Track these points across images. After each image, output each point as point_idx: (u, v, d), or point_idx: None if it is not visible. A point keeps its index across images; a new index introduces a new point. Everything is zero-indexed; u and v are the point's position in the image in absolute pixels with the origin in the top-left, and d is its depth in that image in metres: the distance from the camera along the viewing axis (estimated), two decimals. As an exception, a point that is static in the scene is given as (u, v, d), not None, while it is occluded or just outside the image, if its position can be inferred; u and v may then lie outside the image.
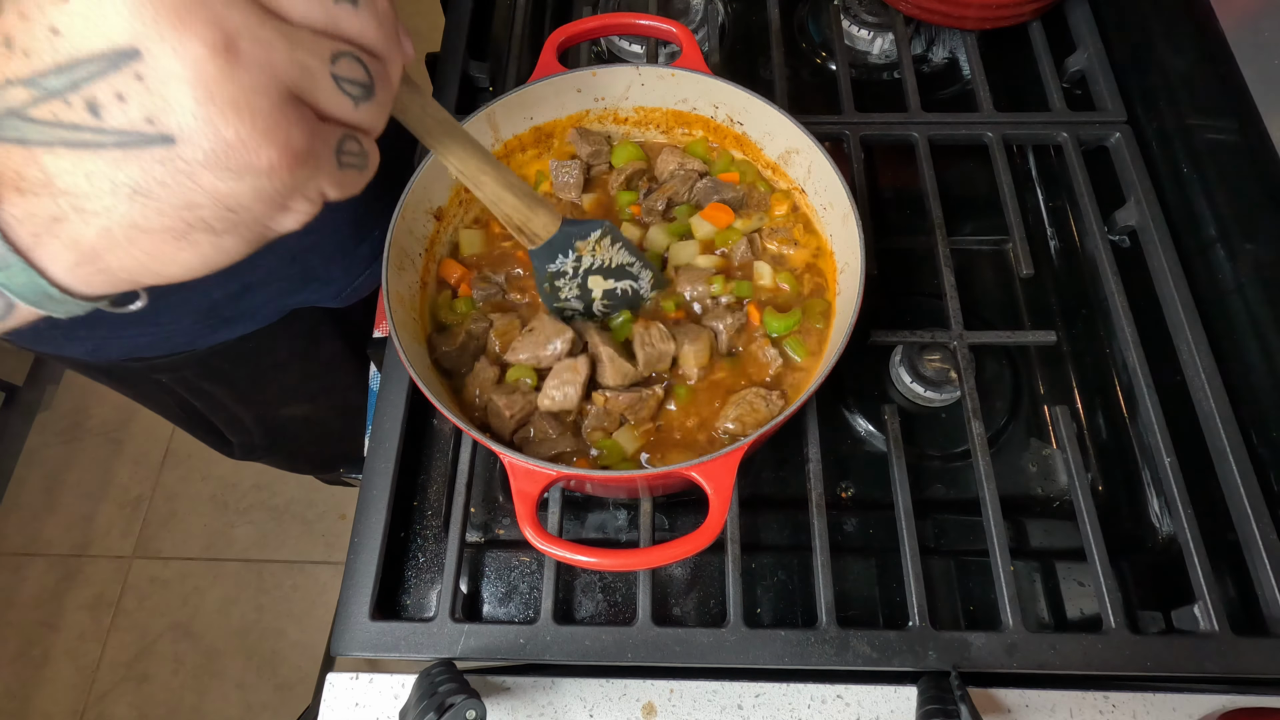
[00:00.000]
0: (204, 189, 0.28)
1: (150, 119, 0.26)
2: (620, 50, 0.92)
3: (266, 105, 0.27)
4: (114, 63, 0.26)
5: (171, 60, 0.26)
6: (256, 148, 0.28)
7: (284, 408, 1.09)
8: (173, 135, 0.27)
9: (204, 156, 0.27)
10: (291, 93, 0.28)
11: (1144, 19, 0.84)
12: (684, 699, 0.60)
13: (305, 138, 0.29)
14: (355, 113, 0.31)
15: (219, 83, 0.26)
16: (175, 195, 0.28)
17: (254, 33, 0.27)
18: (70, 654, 1.75)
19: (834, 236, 0.65)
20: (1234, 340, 0.69)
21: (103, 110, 0.26)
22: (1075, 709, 0.58)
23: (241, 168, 0.28)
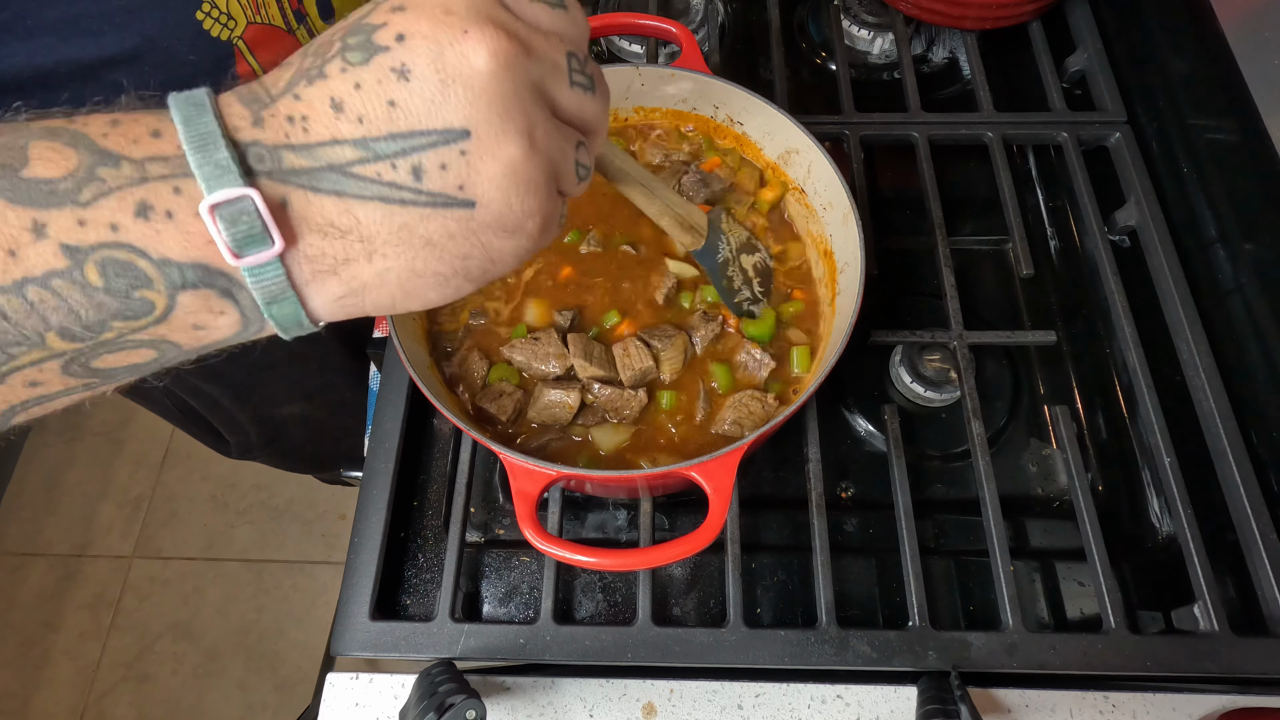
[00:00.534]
0: (482, 244, 0.33)
1: (462, 186, 0.31)
2: (620, 50, 0.92)
3: (545, 185, 0.33)
4: (446, 139, 0.31)
5: (495, 144, 0.31)
6: (531, 216, 0.34)
7: (280, 407, 1.09)
8: (475, 201, 0.32)
9: (492, 219, 0.33)
10: (555, 174, 0.34)
11: (1144, 19, 0.84)
12: (684, 699, 0.60)
13: (553, 205, 0.35)
14: (577, 188, 0.37)
15: (522, 164, 0.32)
16: (459, 248, 0.33)
17: (545, 126, 0.33)
18: (70, 654, 1.75)
19: (834, 236, 0.65)
20: (1234, 340, 0.69)
21: (425, 176, 0.31)
22: (1075, 709, 0.58)
23: (515, 230, 0.34)
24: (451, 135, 0.30)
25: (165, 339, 0.32)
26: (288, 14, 0.67)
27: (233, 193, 0.29)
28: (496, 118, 0.31)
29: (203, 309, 0.31)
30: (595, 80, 0.36)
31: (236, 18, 0.62)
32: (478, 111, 0.30)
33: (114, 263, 0.29)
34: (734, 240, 0.62)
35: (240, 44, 0.63)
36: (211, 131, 0.29)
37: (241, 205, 0.29)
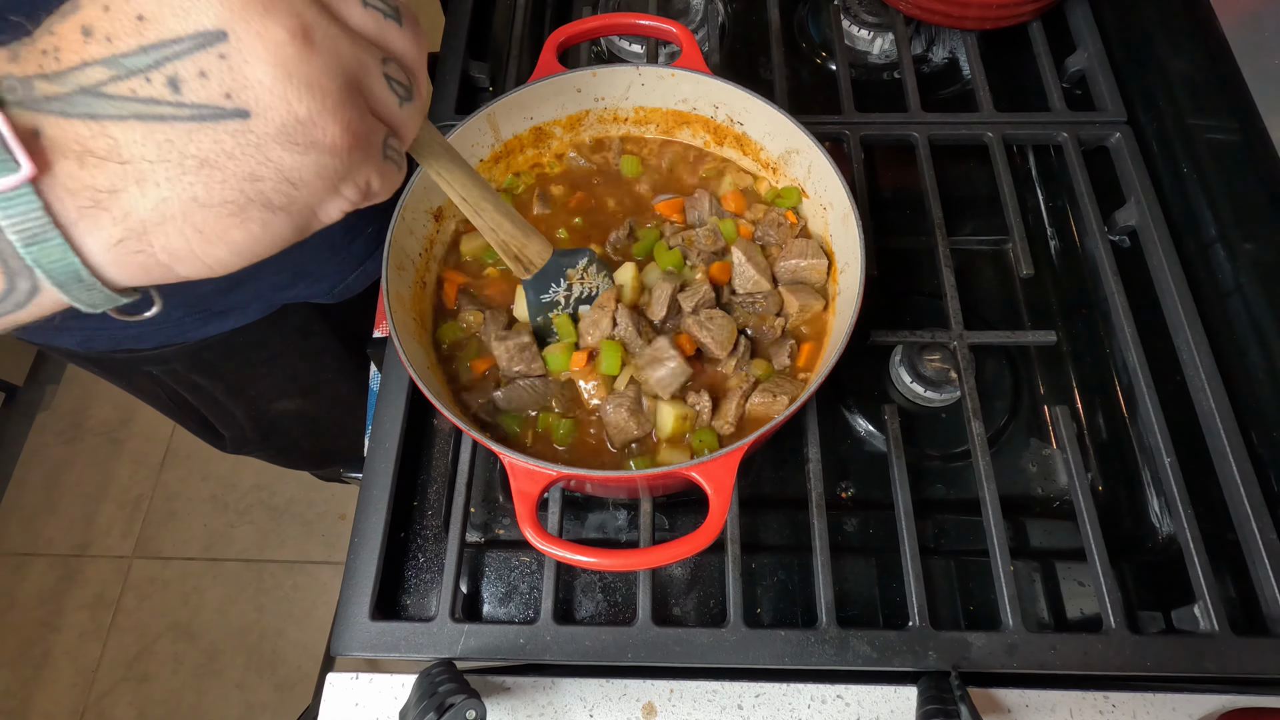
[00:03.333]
0: (271, 161, 0.30)
1: (229, 94, 0.29)
2: (620, 50, 0.92)
3: (335, 89, 0.30)
4: (200, 43, 0.28)
5: (256, 42, 0.29)
6: (324, 124, 0.30)
7: (275, 402, 1.09)
8: (248, 110, 0.29)
9: (275, 130, 0.30)
10: (352, 82, 0.32)
11: (1144, 19, 0.84)
12: (684, 699, 0.60)
13: (362, 122, 0.32)
14: (399, 111, 0.35)
15: (296, 64, 0.29)
16: (242, 167, 0.30)
17: (325, 27, 0.30)
18: (70, 654, 1.75)
19: (834, 236, 0.65)
20: (1234, 340, 0.69)
21: (183, 86, 0.29)
22: (1075, 709, 0.58)
23: (308, 142, 0.30)
24: (205, 38, 0.28)
25: None
26: None
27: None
28: (255, 14, 0.28)
29: None
30: (399, 10, 0.34)
31: None
32: (231, 9, 0.28)
33: None
34: (580, 289, 0.61)
35: None
36: None
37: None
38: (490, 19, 0.96)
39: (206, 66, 0.29)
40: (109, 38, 0.28)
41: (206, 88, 0.29)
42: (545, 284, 0.60)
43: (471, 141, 0.68)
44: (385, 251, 0.60)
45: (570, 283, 0.61)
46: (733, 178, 0.72)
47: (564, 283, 0.61)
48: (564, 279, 0.60)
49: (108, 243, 0.31)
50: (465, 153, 0.68)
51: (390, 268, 0.60)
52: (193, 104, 0.29)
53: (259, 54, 0.29)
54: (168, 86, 0.29)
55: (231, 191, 0.31)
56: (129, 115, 0.29)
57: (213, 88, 0.29)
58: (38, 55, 0.29)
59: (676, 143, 0.74)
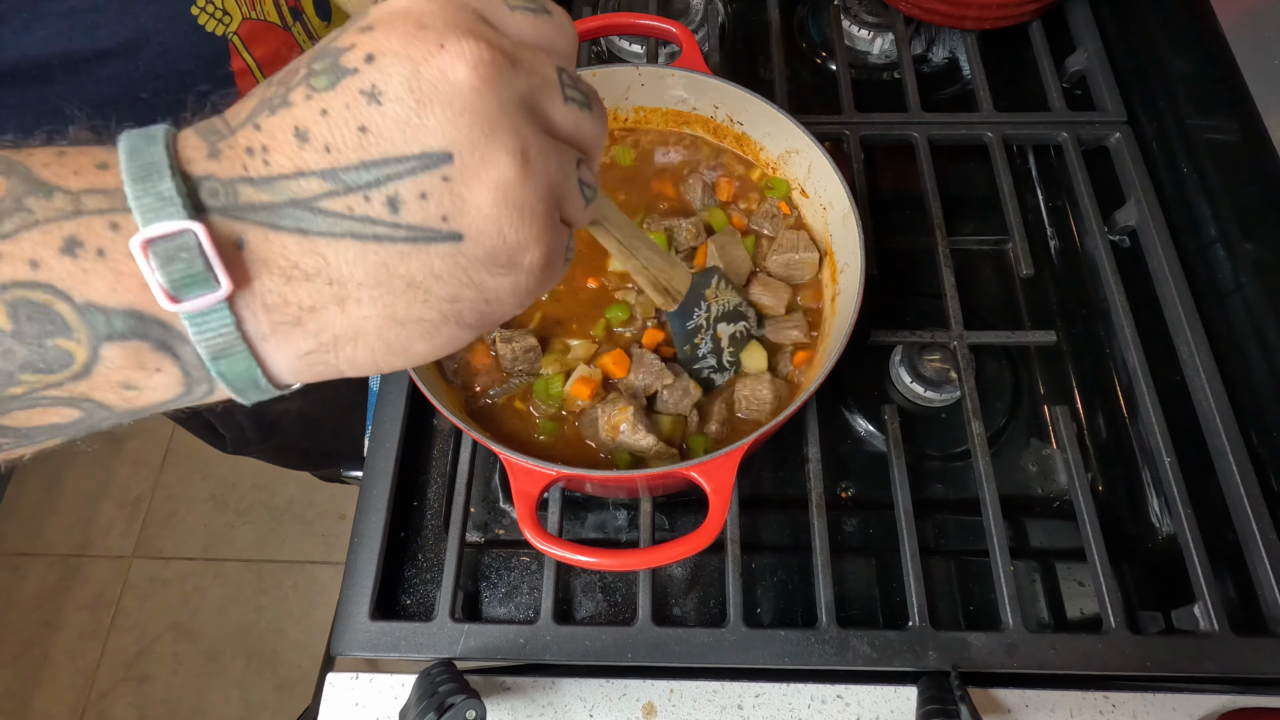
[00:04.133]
0: (474, 283, 0.29)
1: (446, 217, 0.28)
2: (620, 50, 0.92)
3: (543, 210, 0.29)
4: (425, 165, 0.27)
5: (480, 166, 0.27)
6: (529, 248, 0.29)
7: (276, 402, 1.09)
8: (462, 233, 0.28)
9: (484, 254, 0.29)
10: (556, 199, 0.30)
11: (1144, 19, 0.84)
12: (684, 699, 0.60)
13: (557, 238, 0.31)
14: (583, 213, 0.33)
15: (515, 189, 0.28)
16: (446, 289, 0.29)
17: (539, 144, 0.29)
18: (70, 654, 1.75)
19: (834, 236, 0.65)
20: (1234, 340, 0.69)
21: (403, 207, 0.27)
22: (1075, 709, 0.58)
23: (511, 265, 0.29)
24: (431, 160, 0.27)
25: (88, 397, 0.28)
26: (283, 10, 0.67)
27: (172, 226, 0.25)
28: (481, 136, 0.27)
29: (133, 364, 0.27)
30: (590, 96, 0.32)
31: (231, 13, 0.62)
32: (459, 131, 0.27)
33: (28, 304, 0.25)
34: (717, 307, 0.61)
35: (235, 39, 0.63)
36: (157, 162, 0.26)
37: (182, 241, 0.25)
38: (490, 19, 0.95)
39: (429, 188, 0.27)
40: (329, 147, 0.27)
41: (425, 210, 0.27)
42: (690, 310, 0.59)
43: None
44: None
45: (709, 303, 0.60)
46: (727, 166, 0.72)
47: (704, 305, 0.60)
48: (704, 301, 0.60)
49: (294, 355, 0.29)
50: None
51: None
52: (409, 225, 0.27)
53: (481, 178, 0.27)
54: (387, 207, 0.27)
55: (431, 312, 0.29)
56: (344, 234, 0.27)
57: (432, 210, 0.27)
58: (242, 154, 0.27)
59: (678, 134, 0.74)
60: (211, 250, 0.26)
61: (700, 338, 0.61)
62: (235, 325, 0.27)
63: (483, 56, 0.27)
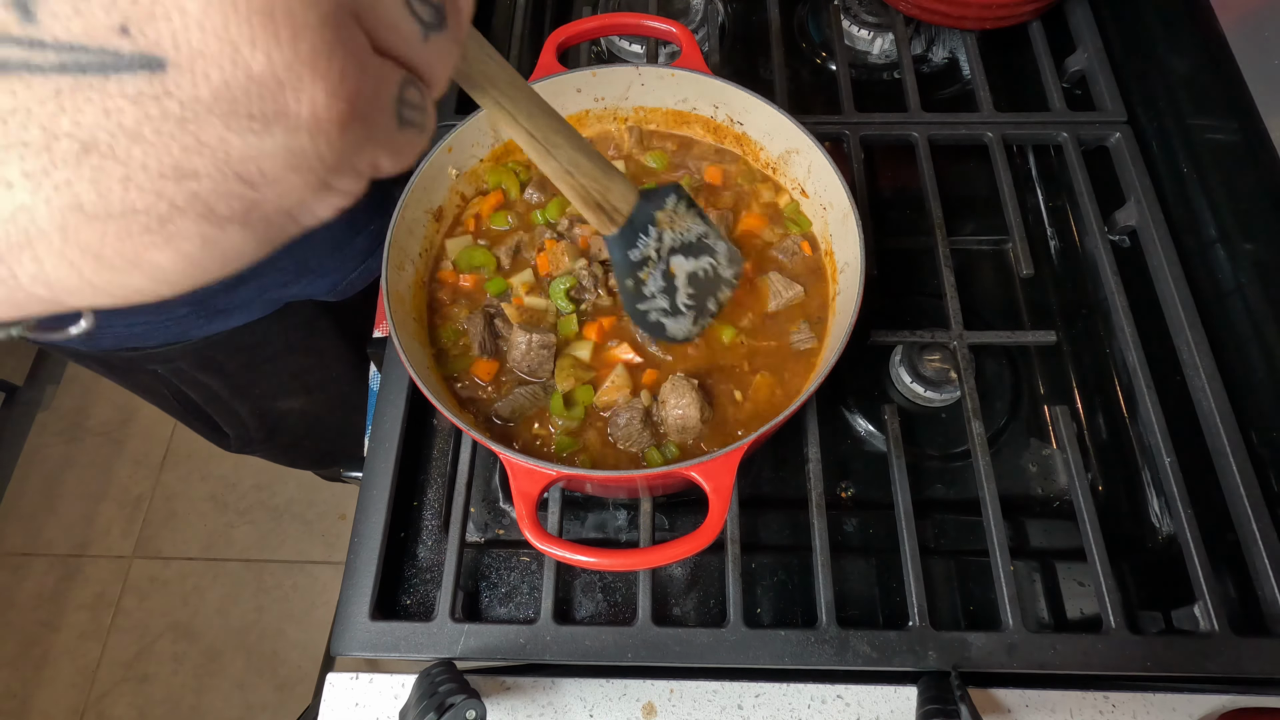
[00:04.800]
0: (207, 147, 0.18)
1: (125, 27, 0.17)
2: (620, 50, 0.92)
3: (315, 19, 0.18)
4: None
5: None
6: (296, 83, 0.18)
7: (279, 401, 1.09)
8: (162, 57, 0.17)
9: (211, 94, 0.18)
10: (349, 6, 0.19)
11: (1144, 19, 0.84)
12: (684, 699, 0.60)
13: (363, 74, 0.20)
14: (423, 47, 0.22)
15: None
16: (157, 156, 0.18)
17: None
18: (70, 654, 1.75)
19: (834, 236, 0.65)
20: (1234, 340, 0.69)
21: (39, 6, 0.16)
22: (1075, 709, 0.58)
23: (270, 115, 0.19)
24: None
25: None
26: None
27: None
28: None
29: None
30: None
31: None
32: None
33: None
34: (671, 235, 0.51)
35: None
36: None
37: None
38: (490, 19, 0.96)
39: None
40: None
41: (84, 11, 0.16)
42: (633, 236, 0.48)
43: (472, 141, 0.68)
44: (385, 251, 0.60)
45: (661, 229, 0.50)
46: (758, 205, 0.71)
47: (654, 231, 0.49)
48: (654, 226, 0.49)
49: None
50: (465, 153, 0.68)
51: (390, 267, 0.60)
52: (60, 42, 0.17)
53: None
54: (14, 8, 0.16)
55: (142, 195, 0.19)
56: None
57: (96, 11, 0.16)
58: None
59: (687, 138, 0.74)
60: None
61: (647, 271, 0.51)
62: None
63: None
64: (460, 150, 0.67)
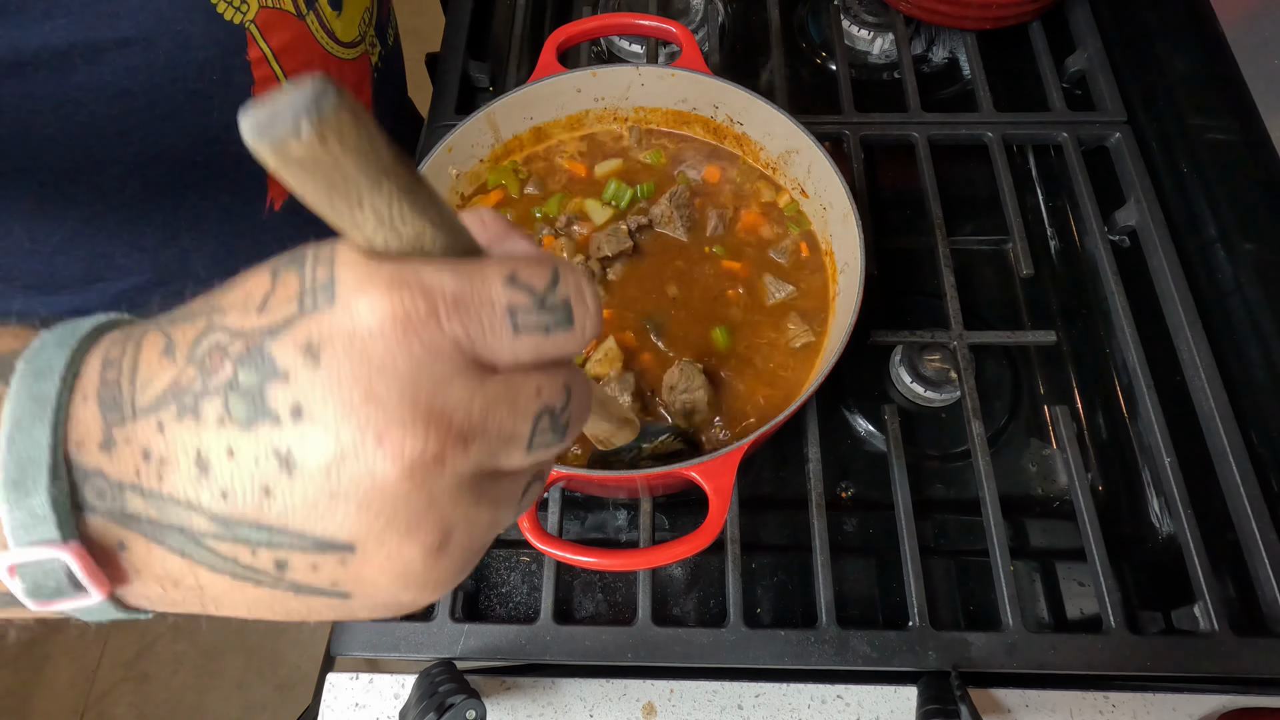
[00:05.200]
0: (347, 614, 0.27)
1: (335, 583, 0.25)
2: (620, 50, 0.92)
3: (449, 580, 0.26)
4: (323, 548, 0.24)
5: (384, 560, 0.24)
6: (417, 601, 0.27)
7: None
8: (351, 595, 0.25)
9: (369, 609, 0.26)
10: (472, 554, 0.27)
11: (1144, 19, 0.84)
12: (684, 699, 0.60)
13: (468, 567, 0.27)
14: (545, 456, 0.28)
15: (419, 572, 0.25)
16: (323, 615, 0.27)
17: (469, 520, 0.25)
18: (70, 654, 1.75)
19: (834, 236, 0.65)
20: (1234, 340, 0.69)
21: (289, 569, 0.24)
22: (1075, 709, 0.58)
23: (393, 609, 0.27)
24: (330, 546, 0.24)
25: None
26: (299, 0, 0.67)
27: (41, 554, 0.23)
28: (394, 535, 0.24)
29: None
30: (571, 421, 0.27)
31: (249, 0, 0.62)
32: (369, 529, 0.23)
33: None
34: (651, 449, 0.58)
35: (252, 27, 0.63)
36: (36, 459, 0.23)
37: (50, 565, 0.24)
38: (490, 19, 0.96)
39: (321, 563, 0.24)
40: (225, 494, 0.23)
41: (314, 576, 0.25)
42: (619, 451, 0.57)
43: (471, 141, 0.68)
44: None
45: (643, 450, 0.58)
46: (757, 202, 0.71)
47: (633, 451, 0.57)
48: (642, 447, 0.57)
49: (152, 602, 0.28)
50: (465, 153, 0.68)
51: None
52: (294, 583, 0.25)
53: (383, 568, 0.24)
54: (274, 565, 0.24)
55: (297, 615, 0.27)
56: (224, 571, 0.25)
57: (321, 580, 0.25)
58: (138, 456, 0.23)
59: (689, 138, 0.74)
60: (82, 574, 0.24)
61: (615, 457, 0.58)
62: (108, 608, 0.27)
63: (425, 457, 0.23)
64: (460, 150, 0.67)
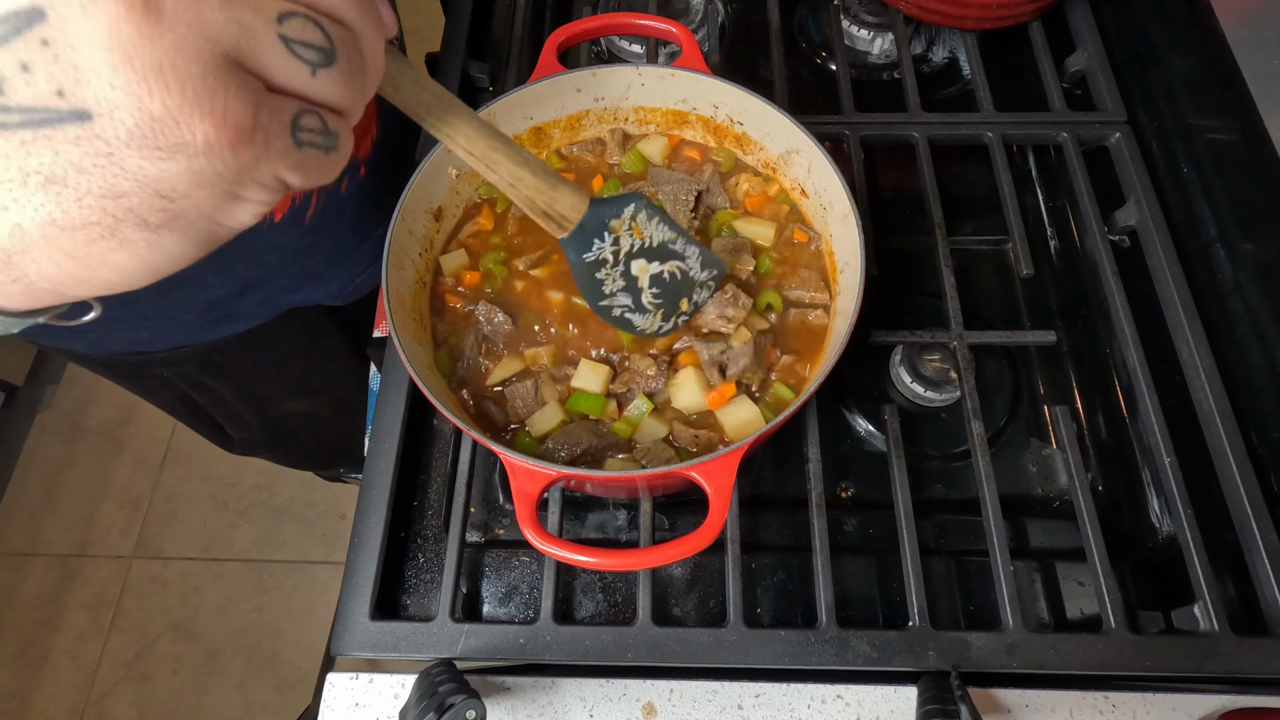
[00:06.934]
0: (129, 173, 0.25)
1: (61, 91, 0.23)
2: (620, 50, 0.92)
3: (198, 70, 0.24)
4: (15, 27, 0.22)
5: (82, 20, 0.22)
6: (188, 120, 0.24)
7: (284, 404, 1.09)
8: (88, 110, 0.23)
9: (126, 134, 0.24)
10: (229, 57, 0.25)
11: (1144, 19, 0.84)
12: (684, 699, 0.60)
13: (248, 109, 0.25)
14: (313, 82, 0.27)
15: (139, 44, 0.23)
16: (96, 182, 0.25)
17: None
18: (70, 654, 1.75)
19: (834, 236, 0.65)
20: (1234, 340, 0.69)
21: (5, 84, 0.23)
22: (1075, 709, 0.58)
23: (172, 145, 0.24)
24: (20, 19, 0.22)
25: None
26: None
27: None
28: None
29: None
30: None
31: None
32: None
33: None
34: (631, 241, 0.54)
35: None
36: None
37: None
38: (490, 19, 0.96)
39: (27, 57, 0.23)
40: None
41: (33, 85, 0.23)
42: (586, 241, 0.51)
43: (471, 141, 0.68)
44: (385, 251, 0.60)
45: (617, 235, 0.52)
46: (747, 184, 0.72)
47: (609, 236, 0.52)
48: (609, 232, 0.52)
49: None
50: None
51: (390, 267, 0.60)
52: (20, 107, 0.23)
53: (88, 35, 0.22)
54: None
55: (92, 212, 0.25)
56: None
57: (40, 84, 0.23)
58: None
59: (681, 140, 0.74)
60: None
61: (605, 272, 0.54)
62: None
63: None
64: (460, 150, 0.67)
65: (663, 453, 0.59)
